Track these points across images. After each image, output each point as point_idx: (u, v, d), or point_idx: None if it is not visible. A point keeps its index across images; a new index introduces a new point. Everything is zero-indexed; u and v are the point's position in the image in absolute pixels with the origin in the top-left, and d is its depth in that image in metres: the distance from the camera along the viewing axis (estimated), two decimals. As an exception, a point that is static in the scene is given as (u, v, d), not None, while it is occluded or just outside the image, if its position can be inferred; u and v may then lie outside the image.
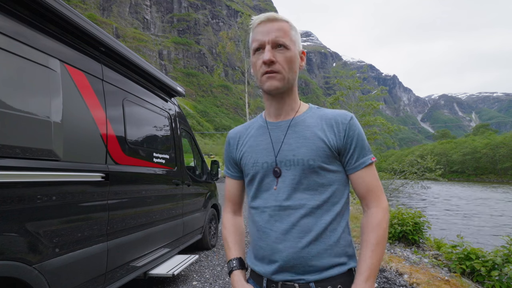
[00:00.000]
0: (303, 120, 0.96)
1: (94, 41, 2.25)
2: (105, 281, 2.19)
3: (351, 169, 0.93)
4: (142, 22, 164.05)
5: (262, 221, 0.93)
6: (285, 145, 0.93)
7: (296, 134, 0.93)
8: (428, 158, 19.10)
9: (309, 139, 0.91)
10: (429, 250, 5.18)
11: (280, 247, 0.88)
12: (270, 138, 0.97)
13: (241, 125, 1.11)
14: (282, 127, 0.96)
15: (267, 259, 0.91)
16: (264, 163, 0.95)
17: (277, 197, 0.91)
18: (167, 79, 3.51)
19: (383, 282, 3.52)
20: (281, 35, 0.89)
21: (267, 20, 0.90)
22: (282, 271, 0.89)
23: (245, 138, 1.03)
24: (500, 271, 3.48)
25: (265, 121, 1.01)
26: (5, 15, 1.59)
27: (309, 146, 0.90)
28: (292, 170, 0.90)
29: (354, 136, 0.92)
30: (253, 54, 0.93)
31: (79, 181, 2.00)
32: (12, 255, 1.48)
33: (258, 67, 0.91)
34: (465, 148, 72.83)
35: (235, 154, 1.05)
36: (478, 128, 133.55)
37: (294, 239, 0.87)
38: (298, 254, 0.86)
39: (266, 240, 0.91)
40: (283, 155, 0.92)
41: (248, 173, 0.99)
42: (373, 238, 0.87)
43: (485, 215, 17.70)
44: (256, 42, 0.91)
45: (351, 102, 23.85)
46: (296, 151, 0.91)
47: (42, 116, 1.72)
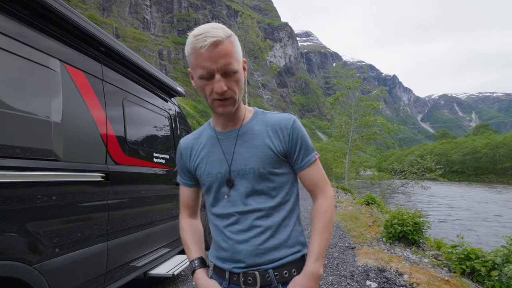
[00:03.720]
0: (250, 128, 1.00)
1: (94, 41, 2.25)
2: (105, 281, 2.19)
3: (298, 168, 1.02)
4: (142, 22, 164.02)
5: (223, 225, 0.99)
6: (237, 155, 0.98)
7: (246, 143, 0.99)
8: (428, 158, 19.10)
9: (257, 147, 0.98)
10: (429, 250, 5.18)
11: (241, 247, 0.95)
12: (221, 149, 1.01)
13: (191, 134, 1.12)
14: (231, 137, 1.00)
15: (230, 259, 0.98)
16: (218, 173, 1.00)
17: (234, 204, 0.98)
18: (167, 79, 3.51)
19: (383, 282, 3.52)
20: (229, 62, 0.87)
21: (212, 45, 0.84)
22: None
23: (197, 149, 1.06)
24: (500, 271, 3.48)
25: (215, 131, 1.04)
26: (5, 15, 1.59)
27: (258, 155, 0.97)
28: (245, 179, 0.97)
29: (298, 139, 1.00)
30: (199, 79, 0.89)
31: (79, 181, 2.00)
32: (12, 255, 1.48)
33: (208, 93, 0.90)
34: (465, 148, 72.85)
35: (189, 164, 1.08)
36: (478, 128, 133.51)
37: (252, 239, 0.95)
38: (257, 252, 0.95)
39: (228, 241, 0.97)
40: (235, 165, 0.98)
41: (204, 183, 1.04)
42: (320, 224, 0.98)
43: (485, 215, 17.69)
44: (202, 69, 0.87)
45: (351, 102, 23.84)
46: (247, 161, 0.97)
47: (42, 116, 1.72)
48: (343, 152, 24.99)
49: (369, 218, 8.12)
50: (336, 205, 10.97)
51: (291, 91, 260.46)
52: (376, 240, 5.60)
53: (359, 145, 23.53)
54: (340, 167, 28.42)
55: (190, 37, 0.88)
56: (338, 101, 23.80)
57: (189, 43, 0.88)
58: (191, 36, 0.87)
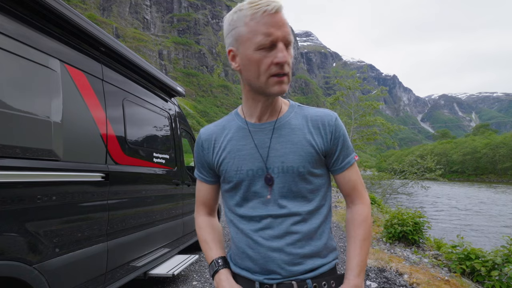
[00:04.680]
0: (288, 122, 0.90)
1: (94, 41, 2.25)
2: (105, 281, 2.19)
3: (337, 169, 0.93)
4: (142, 22, 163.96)
5: (251, 229, 0.88)
6: (272, 151, 0.87)
7: (283, 138, 0.88)
8: (428, 158, 19.11)
9: (296, 144, 0.87)
10: (429, 250, 5.18)
11: (275, 255, 0.85)
12: (254, 143, 0.88)
13: (214, 124, 0.98)
14: (266, 129, 0.89)
15: (260, 269, 0.87)
16: (249, 170, 0.88)
17: (267, 206, 0.87)
18: (167, 79, 3.51)
19: (383, 282, 3.52)
20: (289, 32, 0.78)
21: (277, 10, 0.75)
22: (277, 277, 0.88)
23: (223, 142, 0.92)
24: (500, 271, 3.48)
25: (245, 122, 0.91)
26: (5, 15, 1.59)
27: (298, 152, 0.87)
28: (281, 178, 0.86)
29: (340, 137, 0.91)
30: (257, 49, 0.77)
31: (79, 181, 2.00)
32: (12, 255, 1.47)
33: (266, 67, 0.78)
34: (465, 148, 72.85)
35: (211, 158, 0.94)
36: (478, 128, 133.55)
37: (289, 246, 0.85)
38: (293, 261, 0.85)
39: (258, 248, 0.86)
40: (270, 162, 0.87)
41: (231, 180, 0.91)
42: (361, 234, 0.90)
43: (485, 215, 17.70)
44: (265, 36, 0.75)
45: (351, 102, 23.84)
46: (285, 158, 0.86)
47: (42, 116, 1.72)
48: (343, 152, 24.96)
49: (369, 218, 8.11)
50: (336, 205, 10.97)
51: (291, 91, 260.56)
52: (376, 240, 5.60)
53: (359, 145, 23.53)
54: (340, 167, 28.31)
55: (243, 6, 0.77)
56: (338, 101, 23.80)
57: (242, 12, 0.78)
58: (245, 4, 0.77)
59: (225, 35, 0.84)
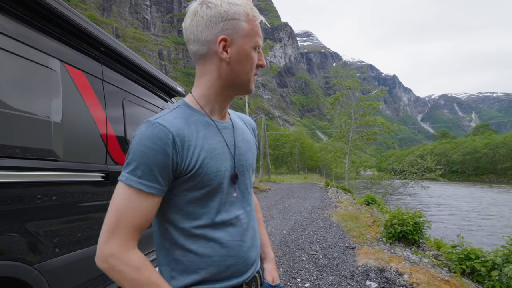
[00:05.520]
0: (236, 122, 0.94)
1: (94, 41, 2.25)
2: (105, 281, 2.20)
3: None
4: (142, 22, 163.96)
5: (231, 235, 0.82)
6: (237, 149, 0.88)
7: (241, 137, 0.91)
8: (428, 158, 19.13)
9: (249, 142, 0.94)
10: (429, 250, 5.18)
11: (252, 255, 0.88)
12: (224, 141, 0.85)
13: (171, 115, 0.80)
14: (228, 128, 0.88)
15: (239, 272, 0.84)
16: (226, 170, 0.82)
17: (238, 205, 0.86)
18: (167, 79, 3.51)
19: (383, 282, 3.52)
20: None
21: (260, 22, 0.86)
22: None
23: (197, 139, 0.79)
24: (500, 271, 3.48)
25: (211, 119, 0.85)
26: (5, 15, 1.59)
27: (252, 150, 0.94)
28: (245, 175, 0.90)
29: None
30: (253, 48, 0.82)
31: (79, 181, 2.00)
32: (12, 255, 1.48)
33: (255, 66, 0.85)
34: (465, 148, 72.89)
35: (185, 160, 0.76)
36: (478, 128, 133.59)
37: (256, 241, 0.91)
38: (257, 255, 0.93)
39: (239, 253, 0.83)
40: (237, 159, 0.87)
41: (209, 184, 0.79)
42: (261, 216, 1.12)
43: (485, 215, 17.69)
44: (260, 39, 0.84)
45: (351, 102, 23.84)
46: (246, 156, 0.90)
47: (42, 116, 1.72)
48: (343, 152, 25.00)
49: (369, 218, 8.12)
50: (336, 205, 10.97)
51: (291, 91, 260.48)
52: (376, 240, 5.60)
53: (359, 145, 23.54)
54: (340, 167, 28.42)
55: (239, 2, 0.81)
56: (338, 101, 23.82)
57: (241, 7, 0.80)
58: (241, 2, 0.81)
59: (215, 21, 0.79)
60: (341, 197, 14.28)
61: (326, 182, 21.91)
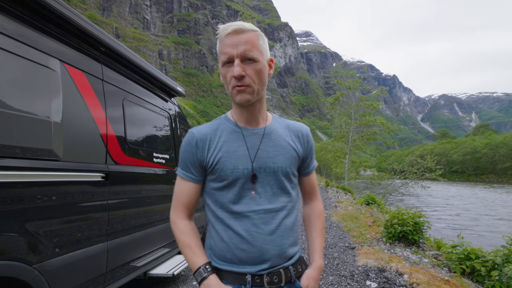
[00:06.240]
0: (275, 130, 1.05)
1: (94, 41, 2.25)
2: (105, 281, 2.20)
3: (306, 172, 1.13)
4: (142, 22, 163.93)
5: (246, 225, 0.95)
6: (263, 152, 1.00)
7: (273, 143, 1.02)
8: (428, 158, 19.11)
9: (284, 148, 1.02)
10: (429, 250, 5.18)
11: (269, 247, 0.95)
12: (246, 145, 1.00)
13: (205, 125, 1.05)
14: (258, 134, 1.02)
15: (254, 260, 0.95)
16: (244, 169, 0.97)
17: (259, 202, 0.97)
18: (167, 79, 3.51)
19: (383, 282, 3.52)
20: (249, 48, 0.91)
21: (234, 32, 0.90)
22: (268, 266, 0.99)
23: (217, 142, 1.00)
24: (500, 271, 3.48)
25: (238, 126, 1.02)
26: (5, 15, 1.59)
27: (285, 155, 1.02)
28: (272, 176, 0.99)
29: (312, 146, 1.11)
30: (222, 66, 0.94)
31: (79, 181, 2.00)
32: (12, 255, 1.48)
33: (228, 80, 0.93)
34: (465, 148, 72.86)
35: (206, 157, 1.00)
36: (478, 128, 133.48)
37: (279, 238, 0.97)
38: (281, 251, 0.97)
39: (253, 242, 0.94)
40: (262, 162, 0.99)
41: (226, 178, 0.97)
42: (320, 224, 1.13)
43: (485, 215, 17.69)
44: (224, 55, 0.91)
45: (351, 102, 23.82)
46: (275, 159, 1.00)
47: (42, 116, 1.72)
48: (343, 152, 24.97)
49: (369, 218, 8.12)
50: (336, 205, 10.97)
51: (291, 91, 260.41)
52: (376, 240, 5.60)
53: (359, 145, 23.51)
54: (340, 167, 28.39)
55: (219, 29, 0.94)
56: (338, 101, 23.78)
57: (219, 36, 0.94)
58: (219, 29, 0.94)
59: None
60: (341, 197, 14.28)
61: (326, 182, 21.89)
